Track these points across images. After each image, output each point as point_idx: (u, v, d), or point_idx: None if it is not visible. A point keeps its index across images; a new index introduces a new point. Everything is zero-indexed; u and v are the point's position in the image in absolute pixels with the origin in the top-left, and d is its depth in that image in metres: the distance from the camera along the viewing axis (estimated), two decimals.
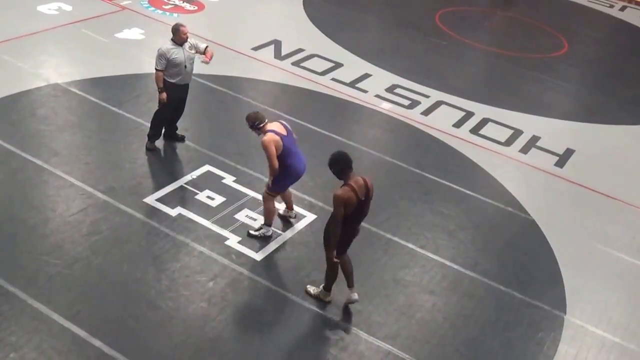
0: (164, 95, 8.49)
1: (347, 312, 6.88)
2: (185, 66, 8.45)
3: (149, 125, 8.89)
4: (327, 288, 6.83)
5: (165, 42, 8.46)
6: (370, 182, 6.40)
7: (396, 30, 14.78)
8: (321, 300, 6.88)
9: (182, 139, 9.11)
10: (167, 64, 8.35)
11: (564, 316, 7.32)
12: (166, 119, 8.85)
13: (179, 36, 8.35)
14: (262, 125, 7.21)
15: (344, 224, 6.31)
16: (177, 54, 8.35)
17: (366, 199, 6.36)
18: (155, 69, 8.43)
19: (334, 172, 6.37)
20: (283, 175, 7.29)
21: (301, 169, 7.43)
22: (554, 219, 8.92)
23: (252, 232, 7.62)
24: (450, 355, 6.61)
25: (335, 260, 6.53)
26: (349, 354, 6.43)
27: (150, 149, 8.86)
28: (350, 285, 6.81)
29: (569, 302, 7.51)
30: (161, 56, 8.33)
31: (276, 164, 7.10)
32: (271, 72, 11.73)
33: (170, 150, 8.96)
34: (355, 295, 6.81)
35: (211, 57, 8.66)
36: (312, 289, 6.94)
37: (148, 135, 8.89)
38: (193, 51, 8.54)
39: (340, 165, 6.31)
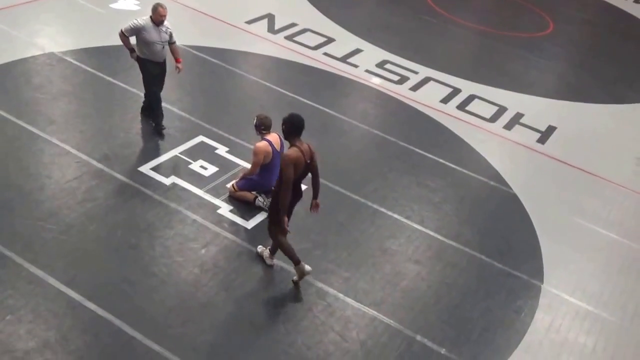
0: (135, 55, 8.45)
1: (335, 280, 7.04)
2: (158, 46, 8.36)
3: (142, 95, 9.01)
4: (297, 262, 6.75)
5: (144, 17, 8.31)
6: (313, 148, 6.54)
7: (387, 7, 14.86)
8: (305, 275, 6.82)
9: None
10: (138, 39, 8.27)
11: (541, 285, 7.58)
12: (154, 93, 8.71)
13: (156, 16, 8.20)
14: (265, 132, 7.67)
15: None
16: (151, 33, 8.23)
17: (311, 161, 6.49)
18: (121, 30, 8.28)
19: (284, 130, 6.41)
20: (252, 180, 7.80)
21: (267, 185, 7.74)
22: (534, 193, 9.16)
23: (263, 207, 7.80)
24: (433, 322, 6.83)
25: (286, 230, 6.60)
26: (336, 319, 6.62)
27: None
28: (296, 262, 6.76)
29: (546, 272, 7.77)
30: (134, 28, 8.21)
31: (256, 171, 7.65)
32: (264, 45, 11.80)
33: (164, 120, 8.95)
34: (308, 267, 6.81)
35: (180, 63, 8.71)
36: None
37: (144, 107, 8.99)
38: (167, 35, 8.42)
39: (295, 127, 6.35)
